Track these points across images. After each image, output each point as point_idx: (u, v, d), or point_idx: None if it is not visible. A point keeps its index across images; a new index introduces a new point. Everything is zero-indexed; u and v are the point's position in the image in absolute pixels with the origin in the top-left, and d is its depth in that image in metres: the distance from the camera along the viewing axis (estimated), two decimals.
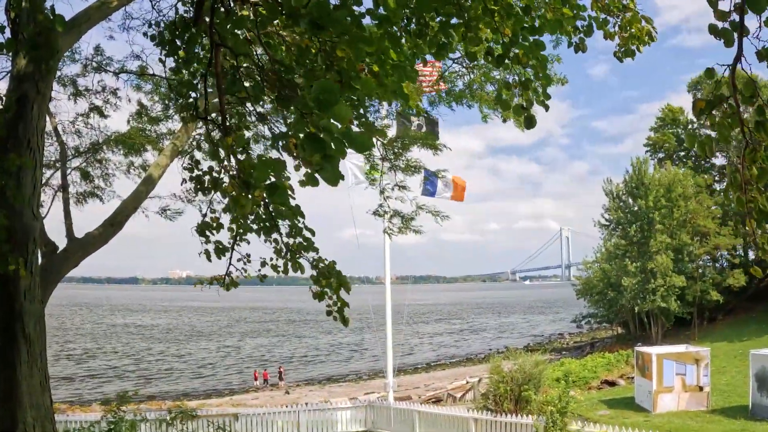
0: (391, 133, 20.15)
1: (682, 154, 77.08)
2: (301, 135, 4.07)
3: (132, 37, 16.08)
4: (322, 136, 3.85)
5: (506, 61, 6.87)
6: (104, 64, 17.42)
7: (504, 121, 19.14)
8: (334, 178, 4.01)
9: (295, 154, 4.66)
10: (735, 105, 5.13)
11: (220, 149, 6.53)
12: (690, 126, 73.84)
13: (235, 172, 5.99)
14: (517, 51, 6.77)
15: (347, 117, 3.83)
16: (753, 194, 5.52)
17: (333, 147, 3.83)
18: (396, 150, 18.37)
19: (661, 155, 78.46)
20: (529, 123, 6.91)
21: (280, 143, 5.15)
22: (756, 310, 64.82)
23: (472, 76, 18.29)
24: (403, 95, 6.73)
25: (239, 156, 5.97)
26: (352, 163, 24.29)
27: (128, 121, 18.92)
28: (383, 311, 30.28)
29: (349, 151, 14.44)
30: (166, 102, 18.28)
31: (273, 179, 4.87)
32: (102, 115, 18.45)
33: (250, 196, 5.29)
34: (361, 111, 8.03)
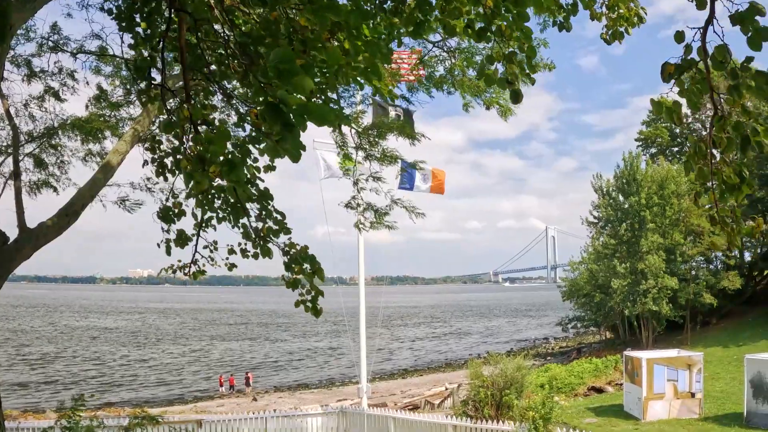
0: (367, 121, 20.15)
1: (676, 149, 77.49)
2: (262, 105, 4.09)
3: (91, 15, 15.88)
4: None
5: (488, 34, 6.89)
6: (61, 43, 17.28)
7: (487, 108, 19.29)
8: (295, 149, 4.03)
9: (263, 128, 4.67)
10: (705, 70, 5.19)
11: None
12: (685, 120, 74.18)
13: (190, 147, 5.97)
14: (499, 23, 6.79)
15: (308, 88, 3.85)
16: (718, 165, 5.57)
17: (292, 117, 3.85)
18: (371, 139, 18.33)
19: (653, 150, 78.86)
20: (516, 97, 6.97)
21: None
22: (752, 314, 65.15)
23: (453, 60, 18.31)
24: (377, 73, 6.73)
25: (196, 129, 5.95)
26: (324, 153, 24.29)
27: (87, 106, 18.70)
28: (359, 313, 30.27)
29: (322, 142, 14.50)
30: (128, 86, 18.14)
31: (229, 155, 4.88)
32: (58, 98, 18.27)
33: (205, 172, 5.28)
34: (332, 95, 8.07)
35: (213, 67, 7.34)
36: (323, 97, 7.96)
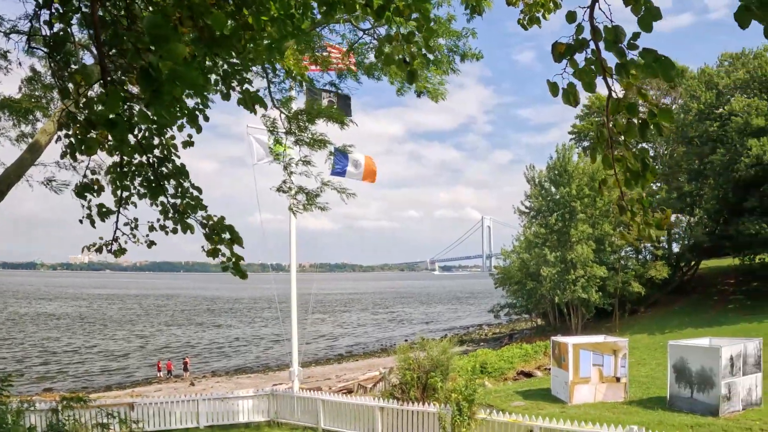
0: (297, 106, 20.12)
1: None
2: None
3: None
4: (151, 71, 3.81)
5: (387, 13, 6.80)
6: None
7: (418, 95, 19.37)
8: (166, 113, 3.96)
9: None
10: (596, 50, 5.14)
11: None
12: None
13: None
14: (397, 4, 6.71)
15: (181, 54, 3.77)
16: (621, 152, 5.54)
17: (163, 83, 3.80)
18: (301, 124, 18.25)
19: (585, 144, 79.71)
20: (411, 77, 6.95)
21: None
22: (679, 303, 66.59)
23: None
24: (280, 49, 6.63)
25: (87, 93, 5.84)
26: (257, 139, 24.15)
27: (20, 88, 18.33)
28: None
29: (254, 127, 14.30)
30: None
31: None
32: None
33: (94, 136, 5.18)
34: (245, 76, 7.92)
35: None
36: (238, 77, 7.83)
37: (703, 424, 25.46)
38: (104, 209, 8.01)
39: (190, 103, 7.55)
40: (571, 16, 5.20)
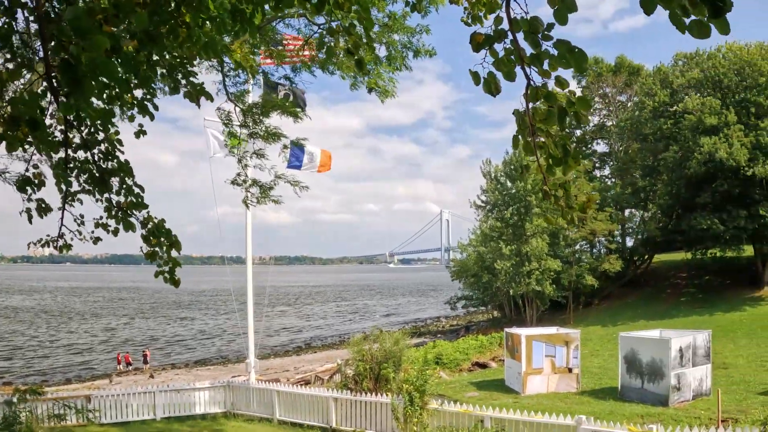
0: (251, 99, 20.08)
1: None
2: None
3: None
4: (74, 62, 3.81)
5: (327, 6, 6.80)
6: None
7: (369, 91, 19.37)
8: (86, 103, 3.94)
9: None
10: (514, 40, 5.18)
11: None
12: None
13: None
14: None
15: (103, 46, 3.77)
16: (543, 139, 5.60)
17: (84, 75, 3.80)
18: (255, 117, 18.16)
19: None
20: (359, 66, 7.01)
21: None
22: (631, 296, 67.32)
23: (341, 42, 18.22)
24: (214, 48, 6.61)
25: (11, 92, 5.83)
26: (213, 132, 24.02)
27: None
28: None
29: (211, 120, 14.23)
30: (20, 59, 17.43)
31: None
32: None
33: (16, 134, 5.16)
34: (189, 69, 7.87)
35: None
36: (182, 71, 7.79)
37: (653, 414, 25.66)
38: (44, 205, 7.94)
39: (139, 93, 7.51)
40: (490, 8, 5.25)
